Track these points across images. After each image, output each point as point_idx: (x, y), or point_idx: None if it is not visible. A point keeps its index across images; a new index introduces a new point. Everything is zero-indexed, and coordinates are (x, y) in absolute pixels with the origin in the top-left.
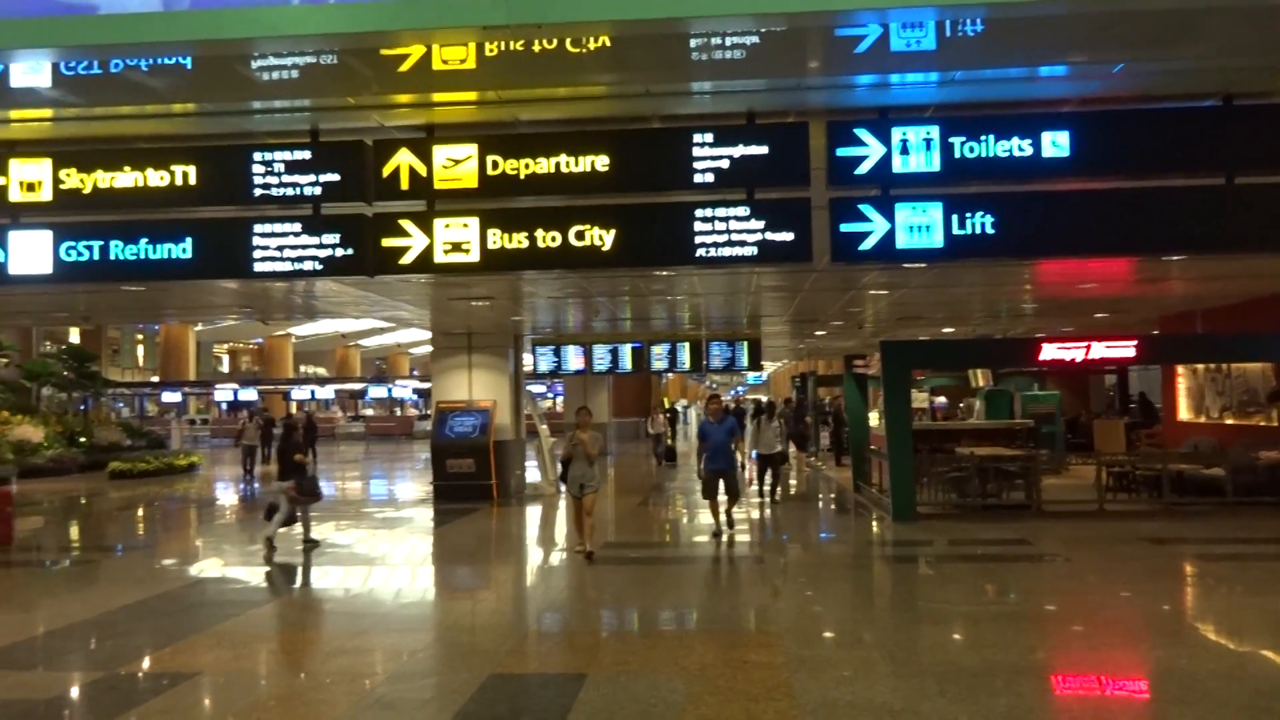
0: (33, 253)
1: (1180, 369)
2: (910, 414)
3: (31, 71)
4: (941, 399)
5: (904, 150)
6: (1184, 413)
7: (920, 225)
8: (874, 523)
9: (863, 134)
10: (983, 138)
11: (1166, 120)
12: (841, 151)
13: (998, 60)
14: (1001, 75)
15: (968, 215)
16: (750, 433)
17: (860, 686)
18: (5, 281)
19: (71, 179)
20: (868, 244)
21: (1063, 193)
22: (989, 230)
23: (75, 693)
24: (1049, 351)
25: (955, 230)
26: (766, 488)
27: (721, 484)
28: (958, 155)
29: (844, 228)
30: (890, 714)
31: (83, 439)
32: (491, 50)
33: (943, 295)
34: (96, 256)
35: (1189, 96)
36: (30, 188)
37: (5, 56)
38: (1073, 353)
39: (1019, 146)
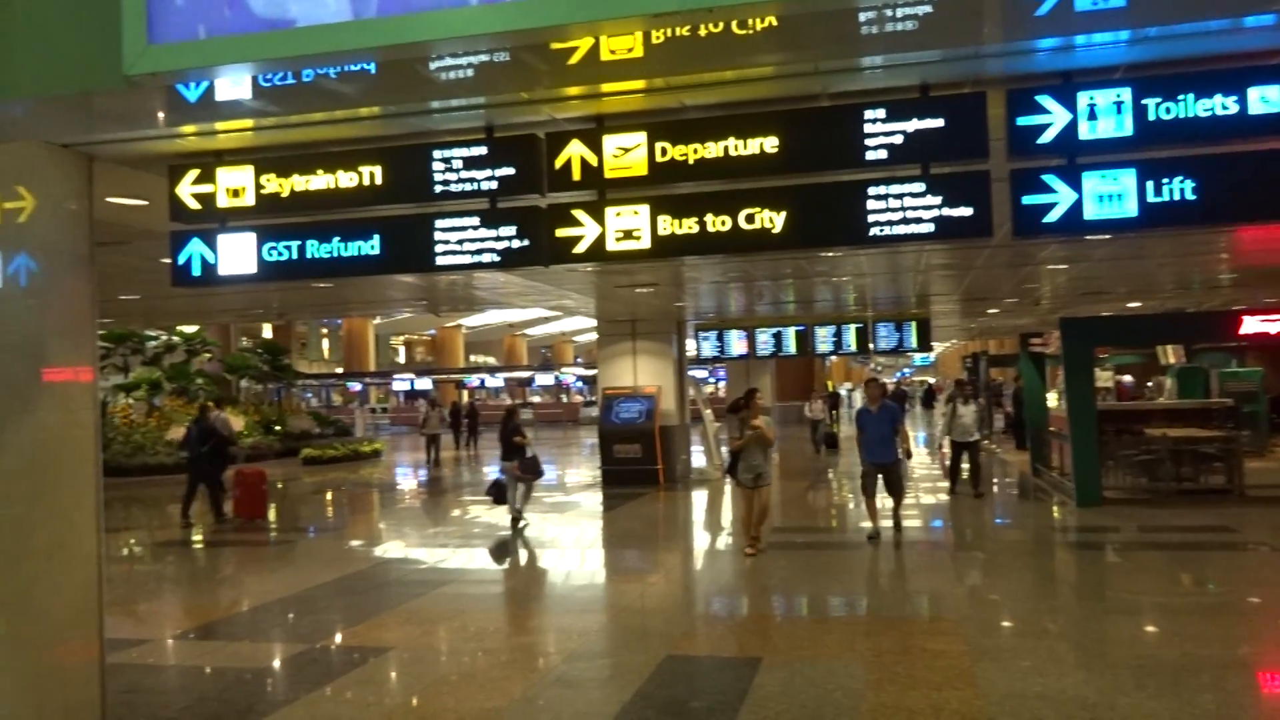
0: (239, 254)
1: None
2: (1094, 394)
3: (235, 85)
4: (1127, 377)
5: (1091, 116)
6: None
7: (1110, 194)
8: (1055, 508)
9: (1045, 101)
10: (1180, 98)
11: None
12: (1022, 120)
13: (1197, 12)
14: (1200, 29)
15: (1164, 181)
16: (944, 417)
17: (1049, 678)
18: (216, 281)
19: (271, 184)
20: (1052, 216)
21: (1272, 152)
22: (1189, 196)
23: (279, 664)
24: (1251, 324)
25: (1150, 198)
26: (963, 478)
27: (881, 480)
28: (1152, 118)
29: (1026, 200)
30: (1084, 707)
31: (277, 427)
32: (658, 38)
33: (1128, 268)
34: (295, 256)
35: None
36: (235, 194)
37: (213, 73)
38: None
39: (1222, 105)
